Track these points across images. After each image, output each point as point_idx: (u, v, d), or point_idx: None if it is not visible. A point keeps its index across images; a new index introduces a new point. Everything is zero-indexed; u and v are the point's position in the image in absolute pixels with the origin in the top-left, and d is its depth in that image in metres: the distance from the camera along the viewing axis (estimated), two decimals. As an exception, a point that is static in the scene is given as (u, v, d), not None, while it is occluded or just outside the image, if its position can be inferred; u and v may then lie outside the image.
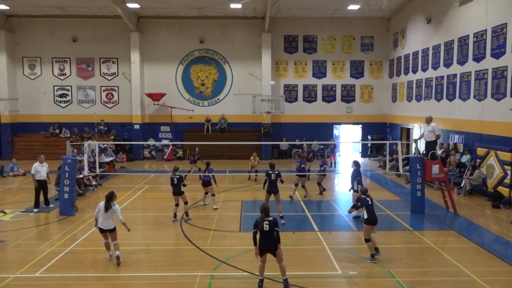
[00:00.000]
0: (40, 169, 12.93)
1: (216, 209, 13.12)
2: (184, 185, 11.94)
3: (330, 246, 9.70)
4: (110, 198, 8.75)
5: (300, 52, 25.76)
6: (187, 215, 12.02)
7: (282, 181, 11.67)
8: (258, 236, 7.43)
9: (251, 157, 18.93)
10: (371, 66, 25.99)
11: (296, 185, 14.64)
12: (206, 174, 13.15)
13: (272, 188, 11.51)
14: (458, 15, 17.34)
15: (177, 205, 11.93)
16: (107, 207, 8.64)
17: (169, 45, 25.55)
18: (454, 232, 10.90)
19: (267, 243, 7.34)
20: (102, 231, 8.72)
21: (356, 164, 12.29)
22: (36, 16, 24.89)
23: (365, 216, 8.79)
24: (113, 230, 8.73)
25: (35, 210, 12.69)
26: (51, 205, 13.19)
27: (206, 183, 13.17)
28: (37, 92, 25.66)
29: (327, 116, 25.97)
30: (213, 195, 13.34)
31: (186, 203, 12.01)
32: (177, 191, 11.84)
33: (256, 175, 18.09)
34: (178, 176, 11.84)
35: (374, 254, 8.78)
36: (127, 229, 8.82)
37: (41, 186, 12.93)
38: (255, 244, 7.43)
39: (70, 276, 8.08)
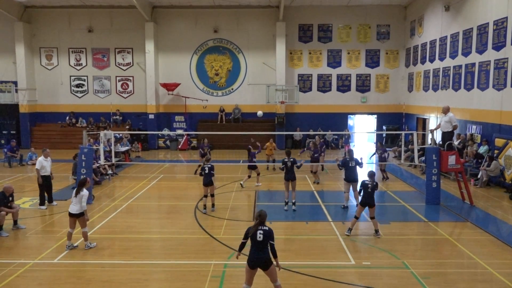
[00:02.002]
0: (46, 164, 12.21)
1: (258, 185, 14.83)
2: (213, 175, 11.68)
3: (343, 236, 9.70)
4: (83, 184, 9.02)
5: (314, 41, 25.50)
6: (213, 207, 11.87)
7: (298, 167, 11.81)
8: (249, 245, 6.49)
9: (267, 144, 17.90)
10: (387, 55, 25.59)
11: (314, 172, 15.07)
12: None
13: (289, 175, 11.69)
14: (477, 2, 16.89)
15: (206, 196, 11.71)
16: (78, 192, 8.85)
17: (183, 35, 25.57)
18: (470, 223, 10.76)
19: (259, 255, 6.21)
20: (70, 215, 8.87)
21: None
22: (52, 7, 25.16)
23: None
24: (80, 215, 8.82)
25: (43, 207, 12.10)
26: (54, 203, 12.48)
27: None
28: (54, 82, 26.05)
29: (341, 106, 25.75)
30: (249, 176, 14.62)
31: (212, 195, 11.82)
32: (207, 181, 11.56)
33: (274, 164, 17.96)
34: (210, 165, 11.68)
35: (351, 229, 9.75)
36: (86, 217, 8.95)
37: (46, 182, 12.22)
38: (239, 250, 6.57)
39: (88, 262, 8.27)
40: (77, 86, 26.21)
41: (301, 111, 25.58)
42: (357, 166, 11.93)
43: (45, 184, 12.22)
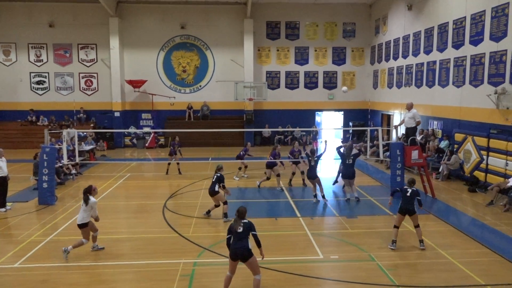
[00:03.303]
0: (1, 164, 11.39)
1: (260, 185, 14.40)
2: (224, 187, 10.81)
3: (312, 232, 9.84)
4: (88, 191, 8.46)
5: (282, 38, 25.65)
6: (225, 216, 10.81)
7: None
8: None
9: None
10: (353, 53, 26.11)
11: (293, 173, 14.79)
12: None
13: (309, 173, 12.29)
14: (438, 2, 17.50)
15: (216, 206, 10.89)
16: (86, 200, 8.36)
17: (149, 31, 25.09)
18: (433, 215, 11.18)
19: (237, 245, 6.48)
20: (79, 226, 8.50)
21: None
22: (11, 0, 24.03)
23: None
24: (82, 226, 8.42)
25: (1, 210, 11.42)
26: (8, 207, 11.64)
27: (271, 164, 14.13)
28: (13, 79, 24.93)
29: (309, 103, 26.07)
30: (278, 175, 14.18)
31: (224, 203, 10.87)
32: (211, 190, 10.71)
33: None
34: (218, 175, 10.78)
35: (394, 241, 8.85)
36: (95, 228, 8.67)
37: (2, 183, 11.45)
38: (228, 246, 6.74)
39: (52, 265, 7.99)
40: (38, 83, 25.20)
41: (270, 108, 25.69)
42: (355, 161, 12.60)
43: (1, 185, 11.45)
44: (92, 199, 8.41)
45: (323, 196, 12.30)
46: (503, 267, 7.89)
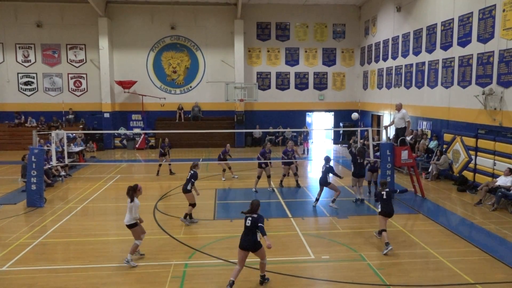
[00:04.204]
0: None
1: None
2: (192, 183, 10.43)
3: (303, 232, 9.86)
4: (134, 190, 8.12)
5: (273, 39, 25.69)
6: (185, 218, 10.52)
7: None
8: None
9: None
10: (343, 54, 26.25)
11: (284, 175, 14.65)
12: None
13: (322, 180, 11.84)
14: (427, 4, 17.68)
15: (191, 205, 10.46)
16: (132, 199, 8.07)
17: (139, 32, 24.94)
18: (422, 215, 11.28)
19: (247, 238, 7.03)
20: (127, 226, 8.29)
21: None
22: (-4, 0, 23.73)
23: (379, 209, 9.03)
24: (131, 226, 8.17)
25: None
26: None
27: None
28: (0, 79, 24.57)
29: (300, 104, 26.13)
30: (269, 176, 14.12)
31: (190, 205, 10.47)
32: (185, 188, 10.40)
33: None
34: (192, 172, 10.45)
35: (388, 243, 8.72)
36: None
37: None
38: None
39: (40, 268, 7.88)
40: (26, 83, 24.88)
41: (260, 109, 25.71)
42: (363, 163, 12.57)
43: None
44: (136, 201, 8.05)
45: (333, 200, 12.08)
46: (492, 266, 7.99)
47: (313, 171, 18.71)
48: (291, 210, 11.72)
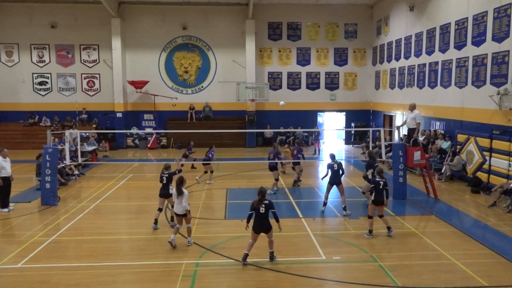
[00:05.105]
0: (5, 164, 11.39)
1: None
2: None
3: (314, 232, 9.82)
4: (181, 183, 8.84)
5: (284, 39, 25.65)
6: (172, 221, 10.37)
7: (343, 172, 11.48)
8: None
9: (286, 149, 17.71)
10: (354, 54, 26.09)
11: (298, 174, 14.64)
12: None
13: (334, 179, 11.25)
14: (440, 3, 17.47)
15: (160, 209, 10.23)
16: (179, 191, 8.76)
17: (151, 32, 25.13)
18: (435, 216, 11.15)
19: (262, 224, 7.87)
20: (177, 214, 8.99)
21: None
22: (12, 1, 24.11)
23: (372, 198, 9.50)
24: (185, 215, 8.94)
25: (5, 210, 11.45)
26: (11, 207, 11.68)
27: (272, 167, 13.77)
28: (15, 79, 25.00)
29: (311, 104, 26.04)
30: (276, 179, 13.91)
31: (173, 206, 9.84)
32: (165, 192, 10.16)
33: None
34: (167, 175, 10.19)
35: (371, 230, 9.50)
36: (189, 216, 9.04)
37: (6, 184, 11.44)
38: (248, 221, 8.00)
39: (53, 266, 8.00)
40: (40, 83, 25.26)
41: (271, 109, 25.68)
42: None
43: (6, 185, 11.48)
44: (184, 191, 8.78)
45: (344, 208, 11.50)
46: (506, 269, 7.86)
47: (324, 171, 18.61)
48: (301, 211, 11.68)
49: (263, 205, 7.84)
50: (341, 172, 11.36)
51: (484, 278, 7.40)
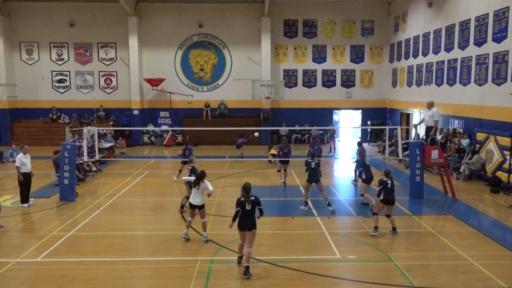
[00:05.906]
0: (25, 160, 11.71)
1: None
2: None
3: (329, 231, 9.77)
4: (201, 177, 8.88)
5: (300, 36, 25.52)
6: (182, 208, 11.19)
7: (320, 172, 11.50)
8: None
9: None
10: (371, 51, 25.79)
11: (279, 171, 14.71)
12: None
13: (313, 177, 11.27)
14: (460, -1, 17.13)
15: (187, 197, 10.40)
16: (197, 184, 8.82)
17: (167, 30, 25.31)
18: (452, 216, 10.96)
19: (247, 220, 7.54)
20: (191, 206, 9.04)
21: (360, 153, 11.92)
22: (32, 0, 24.58)
23: (381, 197, 9.48)
24: (201, 207, 9.01)
25: (25, 205, 11.74)
26: (31, 202, 11.95)
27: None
28: (35, 77, 25.51)
29: (326, 101, 25.87)
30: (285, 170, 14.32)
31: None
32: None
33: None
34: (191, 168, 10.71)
35: (377, 227, 9.47)
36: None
37: (26, 179, 11.75)
38: (234, 220, 7.61)
39: (71, 260, 8.15)
40: (59, 81, 25.72)
41: (287, 107, 25.61)
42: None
43: (26, 181, 11.77)
44: (204, 183, 8.82)
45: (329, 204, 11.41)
46: (526, 270, 7.69)
47: (340, 169, 18.51)
48: (316, 209, 11.63)
49: (250, 202, 7.60)
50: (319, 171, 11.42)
51: (504, 280, 7.25)
